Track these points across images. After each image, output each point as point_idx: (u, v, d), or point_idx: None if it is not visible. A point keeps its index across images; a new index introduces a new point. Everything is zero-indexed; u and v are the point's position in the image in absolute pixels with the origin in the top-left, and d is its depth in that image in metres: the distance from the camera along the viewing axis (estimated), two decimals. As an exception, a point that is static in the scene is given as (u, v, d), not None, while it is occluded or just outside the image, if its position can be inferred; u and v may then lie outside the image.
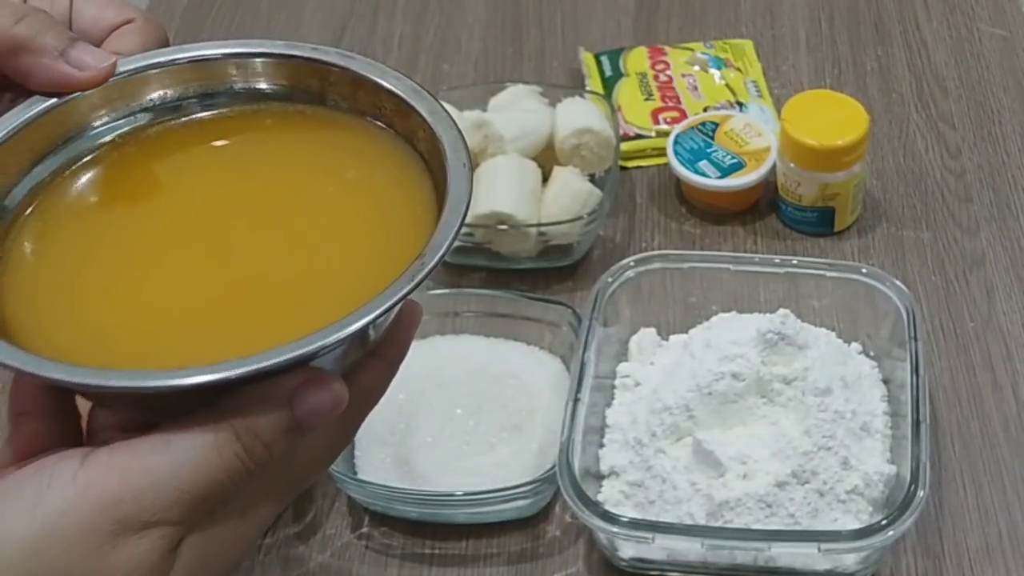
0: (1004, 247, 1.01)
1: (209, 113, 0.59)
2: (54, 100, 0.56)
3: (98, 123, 0.58)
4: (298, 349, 0.49)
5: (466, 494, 0.84)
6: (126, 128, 0.58)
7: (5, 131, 0.55)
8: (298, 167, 0.59)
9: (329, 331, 0.49)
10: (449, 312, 0.94)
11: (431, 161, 0.56)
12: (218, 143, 0.59)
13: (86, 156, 0.58)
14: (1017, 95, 1.13)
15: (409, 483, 0.86)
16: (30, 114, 0.56)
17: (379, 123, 0.58)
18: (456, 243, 0.53)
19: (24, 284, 0.54)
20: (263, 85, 0.59)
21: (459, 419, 0.89)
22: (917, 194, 1.05)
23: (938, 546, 0.84)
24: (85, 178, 0.57)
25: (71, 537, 0.50)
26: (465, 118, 1.00)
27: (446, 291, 0.97)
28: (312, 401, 0.52)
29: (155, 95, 0.58)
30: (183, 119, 0.58)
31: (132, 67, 0.57)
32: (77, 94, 0.57)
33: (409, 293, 0.50)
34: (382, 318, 0.50)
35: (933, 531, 0.85)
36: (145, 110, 0.58)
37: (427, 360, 0.93)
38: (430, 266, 0.51)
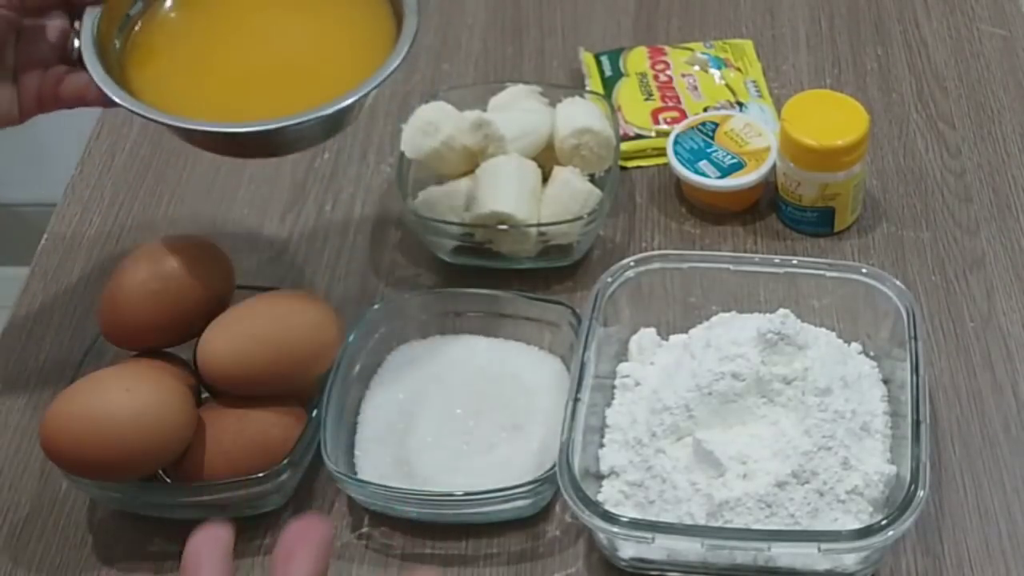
0: (1004, 247, 1.01)
1: None
2: None
3: None
4: (356, 89, 0.81)
5: (466, 494, 0.84)
6: None
7: None
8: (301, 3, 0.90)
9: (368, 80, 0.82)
10: (449, 312, 0.95)
11: None
12: None
13: None
14: (1017, 95, 1.13)
15: (409, 483, 0.86)
16: None
17: None
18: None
19: (142, 63, 0.87)
20: None
21: (459, 419, 0.89)
22: (917, 194, 1.05)
23: (938, 546, 0.84)
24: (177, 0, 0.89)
25: None
26: (465, 118, 1.00)
27: (446, 291, 0.97)
28: None
29: None
30: None
31: None
32: None
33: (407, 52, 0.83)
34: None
35: (933, 531, 0.85)
36: None
37: (427, 360, 0.93)
38: (406, 48, 0.83)
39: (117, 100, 0.82)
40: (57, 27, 0.87)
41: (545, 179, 1.00)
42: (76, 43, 0.85)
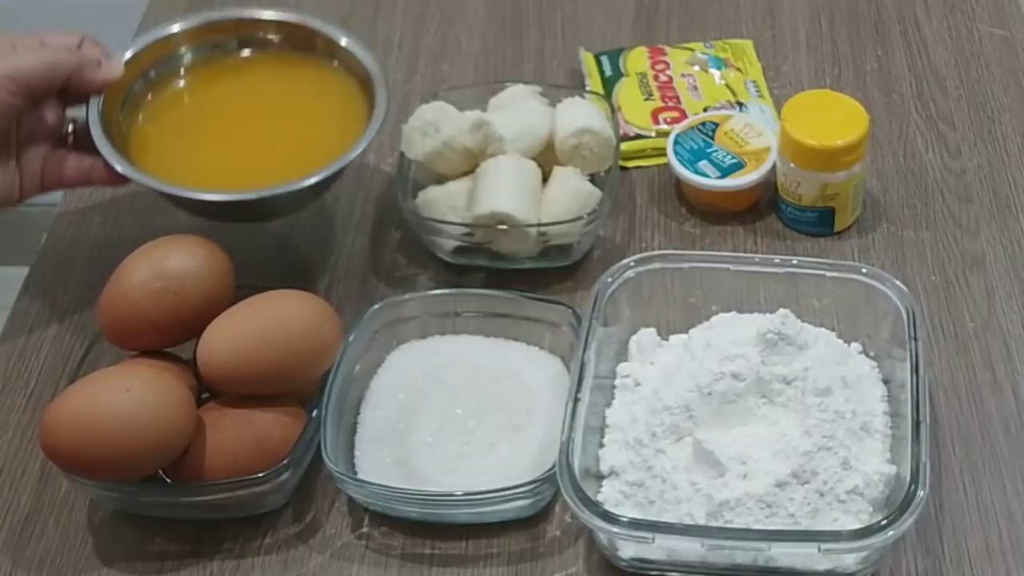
0: (1004, 247, 1.01)
1: (245, 53, 1.03)
2: (157, 35, 1.01)
3: (179, 52, 1.01)
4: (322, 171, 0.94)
5: (466, 494, 0.84)
6: (195, 56, 1.02)
7: (131, 52, 0.98)
8: (286, 85, 1.02)
9: (331, 165, 0.94)
10: (449, 312, 0.94)
11: (363, 80, 0.99)
12: (242, 67, 1.02)
13: (174, 70, 1.01)
14: (1017, 95, 1.13)
15: (409, 483, 0.86)
16: (138, 47, 0.99)
17: (335, 62, 1.01)
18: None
19: (144, 140, 0.97)
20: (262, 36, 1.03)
21: (459, 419, 0.89)
22: (917, 194, 1.05)
23: (938, 546, 0.84)
24: (174, 81, 1.01)
25: None
26: (465, 118, 1.00)
27: (446, 291, 0.96)
28: None
29: (202, 42, 1.02)
30: (222, 54, 1.02)
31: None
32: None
33: (367, 143, 0.95)
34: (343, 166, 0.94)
35: (933, 531, 0.85)
36: (204, 47, 1.02)
37: (427, 360, 0.93)
38: (371, 136, 0.95)
39: (126, 174, 0.92)
40: (54, 113, 0.93)
41: (545, 179, 1.00)
42: (71, 127, 0.94)
